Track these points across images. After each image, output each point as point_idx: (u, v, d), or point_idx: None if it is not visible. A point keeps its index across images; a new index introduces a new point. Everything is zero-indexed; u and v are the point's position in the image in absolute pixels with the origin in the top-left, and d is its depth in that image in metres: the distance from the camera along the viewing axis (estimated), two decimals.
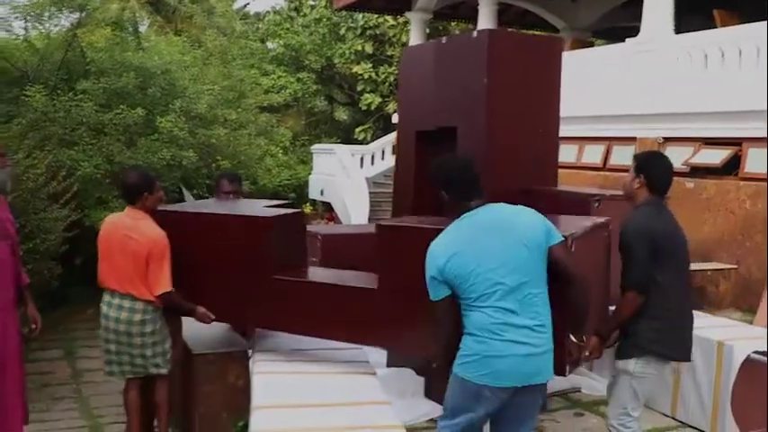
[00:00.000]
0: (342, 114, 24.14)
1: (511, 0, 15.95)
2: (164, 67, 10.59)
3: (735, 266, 8.42)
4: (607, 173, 10.46)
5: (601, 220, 4.20)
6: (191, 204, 5.78)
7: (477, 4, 15.04)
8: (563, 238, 3.37)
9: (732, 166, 8.82)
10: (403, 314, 3.70)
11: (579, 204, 4.82)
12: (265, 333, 5.10)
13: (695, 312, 4.02)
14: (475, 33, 5.12)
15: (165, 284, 4.46)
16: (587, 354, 3.80)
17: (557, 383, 5.39)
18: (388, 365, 5.89)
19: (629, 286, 3.80)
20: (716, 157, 8.91)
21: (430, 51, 5.56)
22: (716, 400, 4.90)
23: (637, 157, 4.12)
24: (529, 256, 3.27)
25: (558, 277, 3.34)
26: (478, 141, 4.93)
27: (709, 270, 8.24)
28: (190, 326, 4.97)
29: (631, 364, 3.87)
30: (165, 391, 4.71)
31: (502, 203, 3.43)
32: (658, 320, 3.81)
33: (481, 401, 3.32)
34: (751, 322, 7.12)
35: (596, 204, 4.43)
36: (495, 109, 4.90)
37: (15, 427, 4.14)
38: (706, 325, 5.24)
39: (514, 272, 3.25)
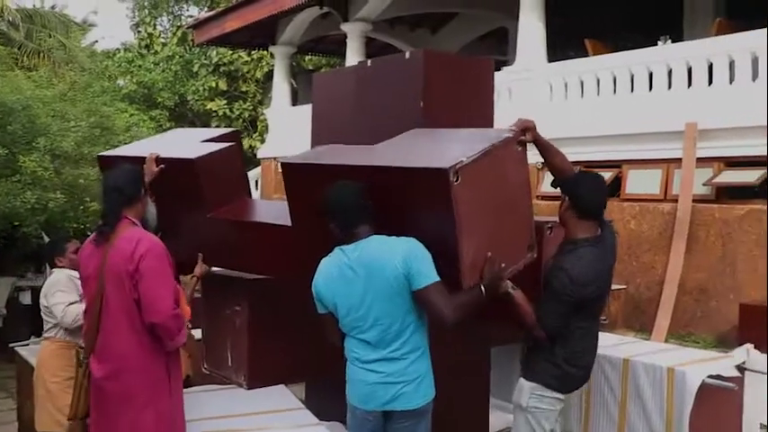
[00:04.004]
0: None
1: (375, 34, 16.13)
2: (25, 103, 9.73)
3: (624, 287, 8.60)
4: None
5: (506, 134, 3.83)
6: (131, 146, 5.81)
7: (344, 38, 15.14)
8: (429, 282, 3.22)
9: (614, 188, 9.14)
10: (318, 249, 3.53)
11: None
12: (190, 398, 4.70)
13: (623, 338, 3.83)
14: (407, 55, 4.93)
15: None
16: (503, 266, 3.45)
17: (499, 422, 5.08)
18: (320, 419, 5.52)
19: (544, 329, 3.65)
20: None
21: (350, 76, 5.29)
22: (669, 429, 4.55)
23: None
24: (388, 300, 3.28)
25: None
26: None
27: None
28: None
29: (524, 399, 3.74)
30: None
31: (383, 237, 3.34)
32: (566, 362, 3.71)
33: (360, 422, 3.43)
34: (648, 339, 7.31)
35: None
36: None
37: None
38: (646, 351, 5.07)
39: (373, 313, 3.31)
